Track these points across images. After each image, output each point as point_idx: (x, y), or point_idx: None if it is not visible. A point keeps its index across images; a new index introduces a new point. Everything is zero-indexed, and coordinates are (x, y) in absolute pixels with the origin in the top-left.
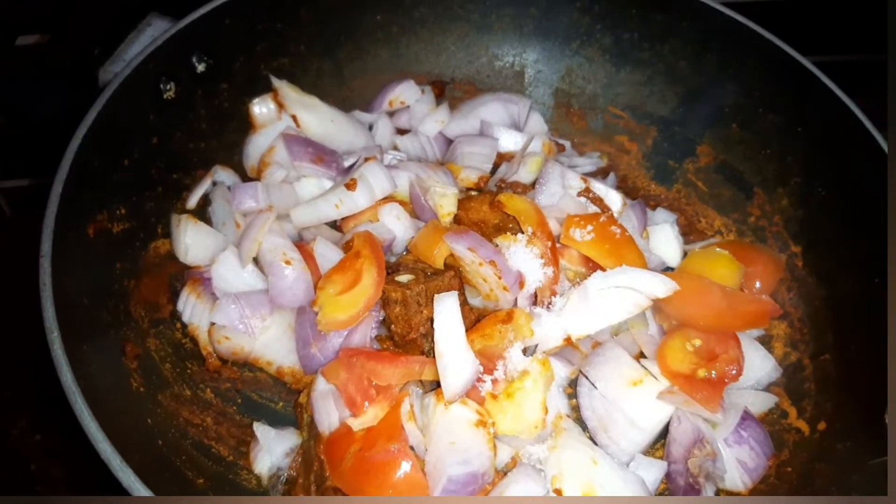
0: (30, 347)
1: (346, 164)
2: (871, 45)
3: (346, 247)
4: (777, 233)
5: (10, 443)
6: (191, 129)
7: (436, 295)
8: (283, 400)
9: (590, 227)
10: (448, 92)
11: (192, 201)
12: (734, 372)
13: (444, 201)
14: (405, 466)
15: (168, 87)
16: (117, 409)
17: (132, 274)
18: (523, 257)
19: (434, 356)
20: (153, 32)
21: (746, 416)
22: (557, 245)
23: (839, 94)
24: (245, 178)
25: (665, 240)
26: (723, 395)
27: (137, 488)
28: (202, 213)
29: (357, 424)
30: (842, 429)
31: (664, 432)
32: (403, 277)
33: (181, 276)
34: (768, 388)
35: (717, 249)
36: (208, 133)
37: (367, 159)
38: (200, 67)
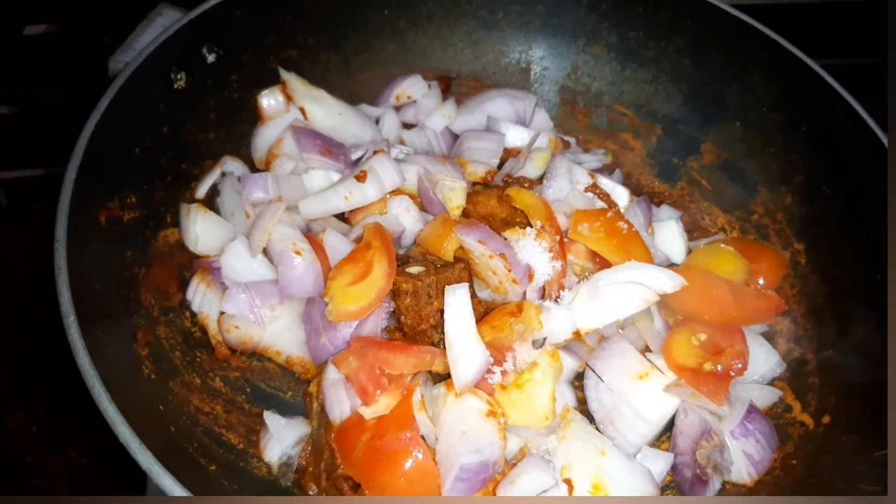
0: (24, 340)
1: (354, 157)
2: (877, 49)
3: (357, 240)
4: (780, 230)
5: (7, 436)
6: (200, 120)
7: (446, 286)
8: (292, 390)
9: (597, 223)
10: (454, 87)
11: (202, 191)
12: (740, 366)
13: (454, 195)
14: (417, 455)
15: (179, 76)
16: (132, 395)
17: (142, 262)
18: (532, 251)
19: (443, 348)
20: (164, 22)
21: (752, 409)
22: (565, 240)
23: (843, 94)
24: (253, 169)
25: (670, 236)
26: (729, 388)
27: (157, 470)
28: (210, 203)
29: (369, 413)
30: (846, 422)
31: (669, 425)
32: (414, 269)
33: (190, 265)
34: (772, 383)
35: (722, 245)
36: (217, 124)
37: (375, 152)
38: (210, 58)
